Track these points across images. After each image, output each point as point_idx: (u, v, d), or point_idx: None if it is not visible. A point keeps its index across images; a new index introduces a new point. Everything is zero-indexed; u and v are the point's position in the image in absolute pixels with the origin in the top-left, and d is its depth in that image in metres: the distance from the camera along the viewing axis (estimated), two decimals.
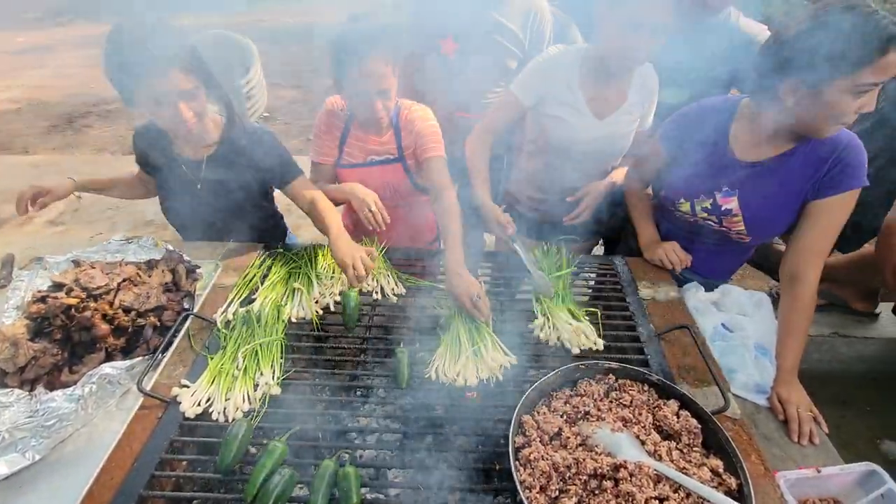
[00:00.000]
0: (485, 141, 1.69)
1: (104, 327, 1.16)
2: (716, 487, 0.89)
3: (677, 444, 0.98)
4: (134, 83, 1.27)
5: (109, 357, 1.19)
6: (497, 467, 1.01)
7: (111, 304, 1.21)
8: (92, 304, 1.19)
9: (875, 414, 1.62)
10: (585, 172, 1.74)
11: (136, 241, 1.56)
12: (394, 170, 1.70)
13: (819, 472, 1.07)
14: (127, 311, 1.21)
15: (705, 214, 1.48)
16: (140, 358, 1.17)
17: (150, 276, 1.33)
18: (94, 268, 1.27)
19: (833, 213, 1.31)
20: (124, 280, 1.25)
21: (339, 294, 1.41)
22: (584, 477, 0.90)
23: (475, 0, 1.86)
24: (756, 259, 1.79)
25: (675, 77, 1.78)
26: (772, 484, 0.99)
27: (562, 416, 1.03)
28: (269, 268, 1.50)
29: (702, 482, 0.88)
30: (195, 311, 1.33)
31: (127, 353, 1.20)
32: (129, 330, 1.21)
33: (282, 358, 1.23)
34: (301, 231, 2.49)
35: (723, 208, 1.44)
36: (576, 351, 1.27)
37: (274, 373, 1.18)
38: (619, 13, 1.37)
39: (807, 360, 1.36)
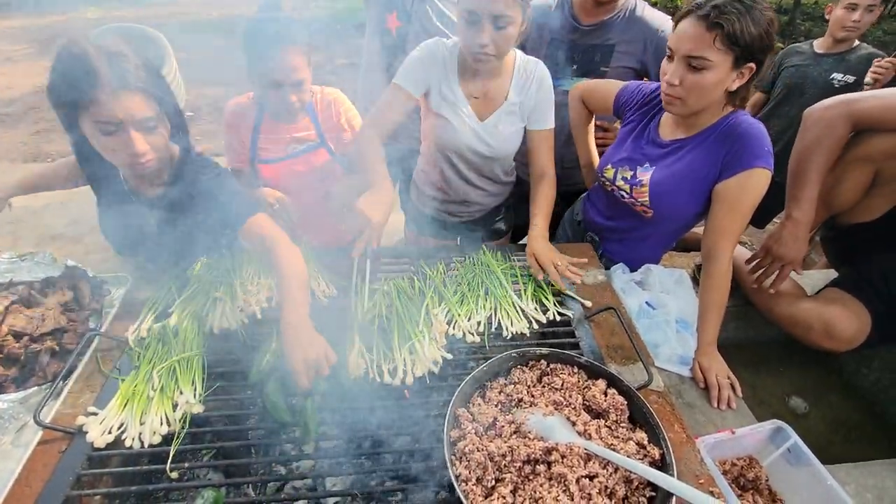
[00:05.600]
0: (373, 142, 1.49)
1: None
2: (641, 459, 0.93)
3: (606, 421, 1.01)
4: (77, 104, 1.04)
5: (0, 390, 1.06)
6: (434, 463, 1.00)
7: None
8: None
9: (785, 373, 1.78)
10: (475, 173, 1.69)
11: (31, 258, 1.41)
12: (318, 155, 1.68)
13: (734, 433, 1.15)
14: (18, 336, 1.09)
15: (622, 183, 1.56)
16: (36, 388, 1.05)
17: (46, 296, 1.20)
18: None
19: (733, 193, 1.36)
20: (13, 303, 1.12)
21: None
22: (519, 463, 0.91)
23: None
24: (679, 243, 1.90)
25: (591, 68, 1.84)
26: (693, 449, 1.06)
27: (496, 406, 1.04)
28: (188, 277, 1.40)
29: (628, 456, 0.92)
30: (102, 330, 1.21)
31: (21, 383, 1.08)
32: (22, 358, 1.08)
33: (204, 373, 1.15)
34: None
35: (636, 179, 1.51)
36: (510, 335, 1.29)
37: (196, 390, 1.10)
38: (460, 6, 1.35)
39: (724, 328, 1.46)
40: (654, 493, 0.89)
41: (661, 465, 0.93)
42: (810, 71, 2.61)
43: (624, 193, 1.56)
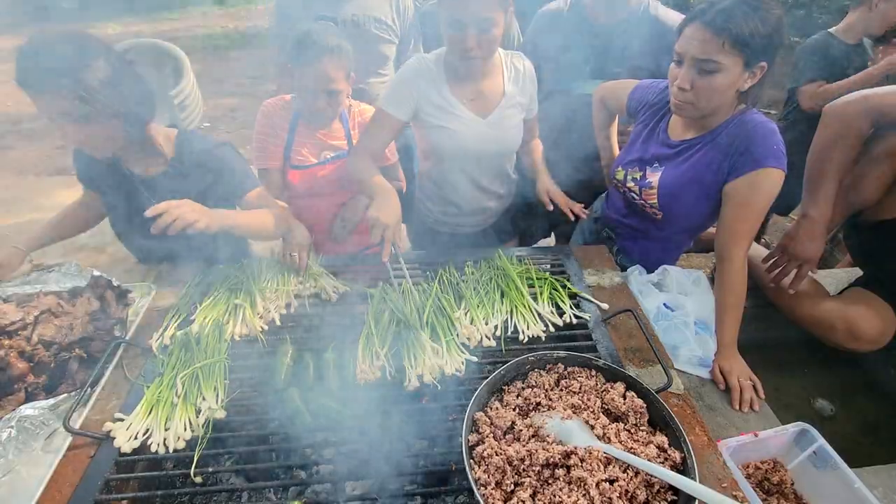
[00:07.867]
0: (367, 161, 1.53)
1: (21, 366, 1.07)
2: (662, 463, 0.92)
3: (625, 424, 1.00)
4: (34, 97, 1.16)
5: (31, 397, 1.10)
6: (453, 467, 1.01)
7: (28, 339, 1.11)
8: (6, 342, 1.09)
9: (808, 375, 1.73)
10: (484, 174, 1.70)
11: (59, 269, 1.45)
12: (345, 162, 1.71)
13: (757, 436, 1.13)
14: (48, 345, 1.12)
15: (632, 184, 1.55)
16: (65, 395, 1.08)
17: (73, 306, 1.23)
18: (5, 302, 1.17)
19: (742, 194, 1.34)
20: (42, 312, 1.15)
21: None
22: (538, 467, 0.90)
23: None
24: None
25: (604, 69, 1.84)
26: (715, 452, 1.04)
27: (514, 410, 1.04)
28: (209, 285, 1.43)
29: (648, 459, 0.91)
30: (127, 338, 1.24)
31: (51, 390, 1.11)
32: (52, 366, 1.12)
33: (226, 380, 1.18)
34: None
35: (646, 181, 1.50)
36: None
37: (217, 396, 1.12)
38: (443, 13, 1.38)
39: (744, 329, 1.44)
40: (675, 497, 0.88)
41: (683, 468, 0.92)
42: (853, 61, 2.57)
43: (634, 195, 1.55)
